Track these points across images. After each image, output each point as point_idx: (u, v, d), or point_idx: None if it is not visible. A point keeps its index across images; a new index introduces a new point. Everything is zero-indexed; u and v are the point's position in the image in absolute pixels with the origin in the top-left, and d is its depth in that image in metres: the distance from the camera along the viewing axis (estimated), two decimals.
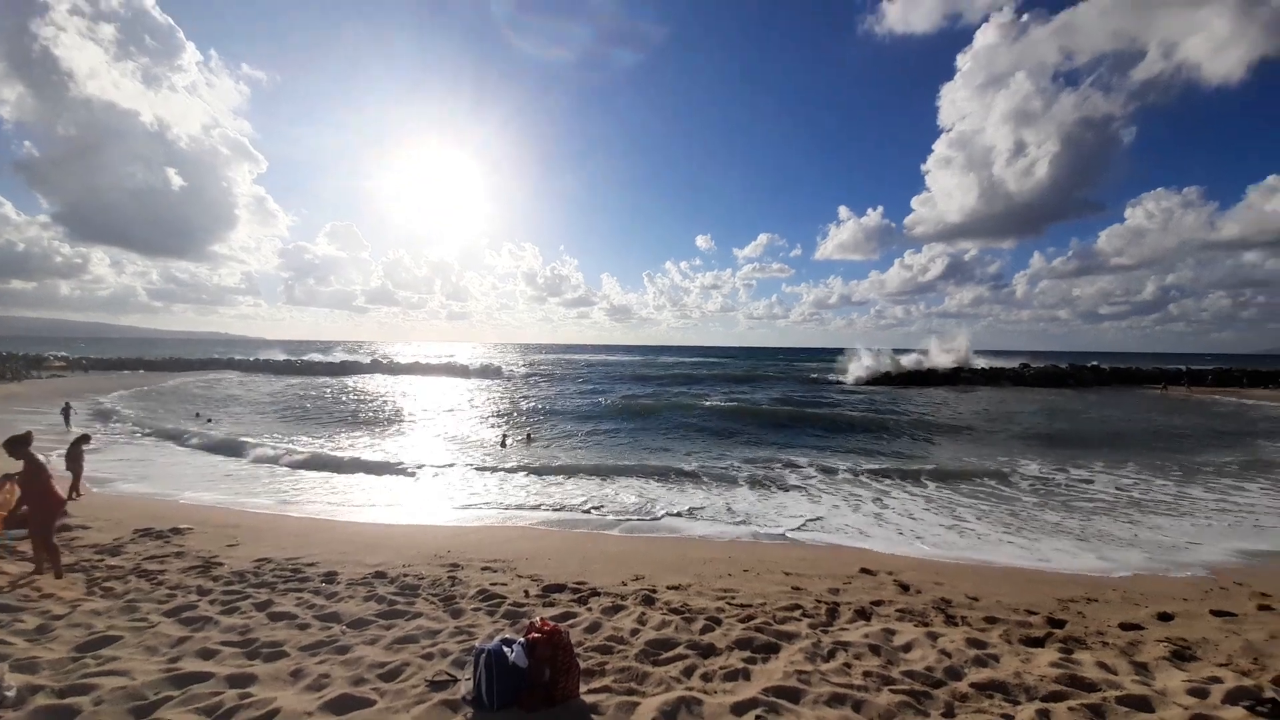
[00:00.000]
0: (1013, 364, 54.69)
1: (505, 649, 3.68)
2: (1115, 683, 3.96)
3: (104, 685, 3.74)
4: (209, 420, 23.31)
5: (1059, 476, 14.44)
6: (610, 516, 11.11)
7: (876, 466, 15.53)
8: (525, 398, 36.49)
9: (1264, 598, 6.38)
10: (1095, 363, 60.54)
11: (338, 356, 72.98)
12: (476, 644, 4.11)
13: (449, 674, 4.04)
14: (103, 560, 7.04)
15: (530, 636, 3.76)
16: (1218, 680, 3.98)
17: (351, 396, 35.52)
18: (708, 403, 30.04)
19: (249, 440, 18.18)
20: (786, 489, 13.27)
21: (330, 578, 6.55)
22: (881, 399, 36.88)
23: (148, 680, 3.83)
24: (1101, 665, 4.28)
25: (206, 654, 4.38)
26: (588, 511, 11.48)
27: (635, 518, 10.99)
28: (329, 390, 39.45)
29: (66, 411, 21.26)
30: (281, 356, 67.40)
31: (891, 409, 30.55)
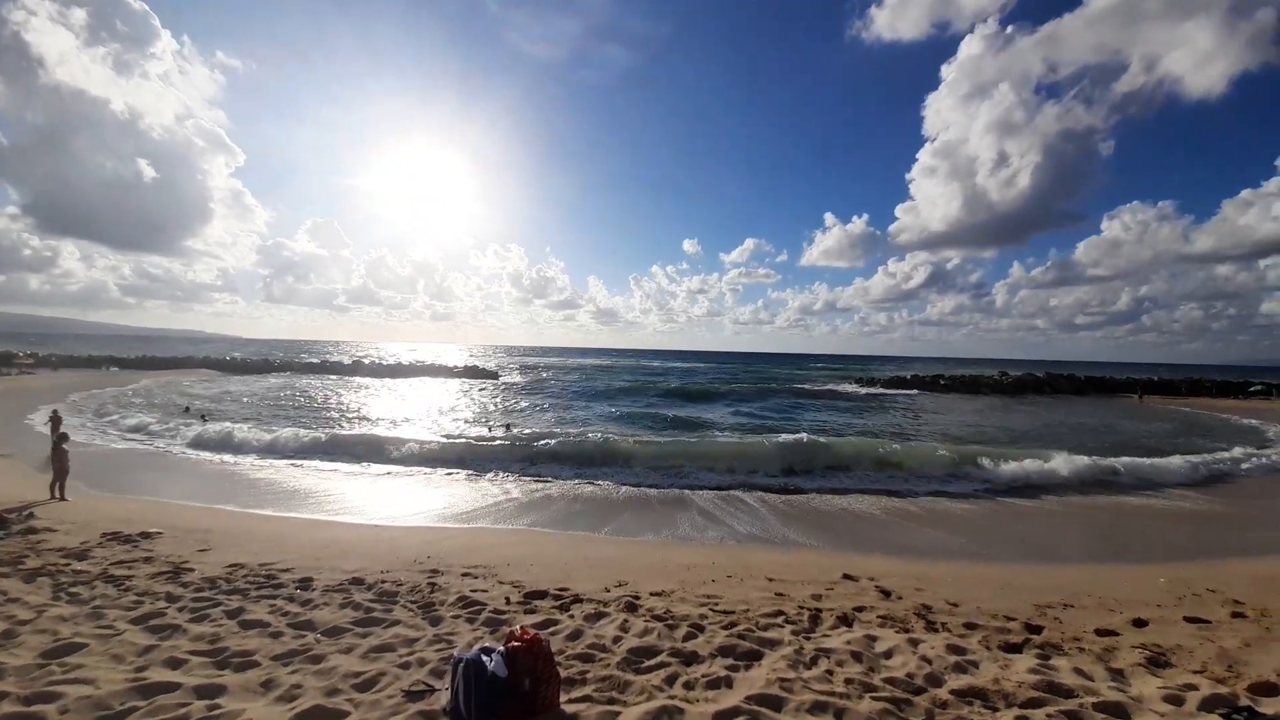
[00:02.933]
0: (991, 371, 56.61)
1: (484, 658, 3.61)
2: (1092, 689, 4.00)
3: (70, 694, 3.64)
4: (203, 416, 23.11)
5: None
6: (595, 519, 11.04)
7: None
8: (513, 399, 36.23)
9: (1236, 604, 6.50)
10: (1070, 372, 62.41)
11: (318, 356, 72.01)
12: (455, 653, 4.03)
13: (426, 684, 3.96)
14: (69, 565, 6.81)
15: (510, 645, 3.69)
16: (1193, 687, 4.03)
17: (331, 397, 34.94)
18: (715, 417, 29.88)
19: (233, 437, 17.85)
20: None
21: (305, 584, 6.41)
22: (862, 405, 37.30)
23: (114, 690, 3.71)
24: (1078, 671, 4.32)
25: (174, 663, 4.25)
26: (572, 513, 11.40)
27: (620, 520, 10.94)
28: (309, 390, 38.78)
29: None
30: (259, 356, 66.34)
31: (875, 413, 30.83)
